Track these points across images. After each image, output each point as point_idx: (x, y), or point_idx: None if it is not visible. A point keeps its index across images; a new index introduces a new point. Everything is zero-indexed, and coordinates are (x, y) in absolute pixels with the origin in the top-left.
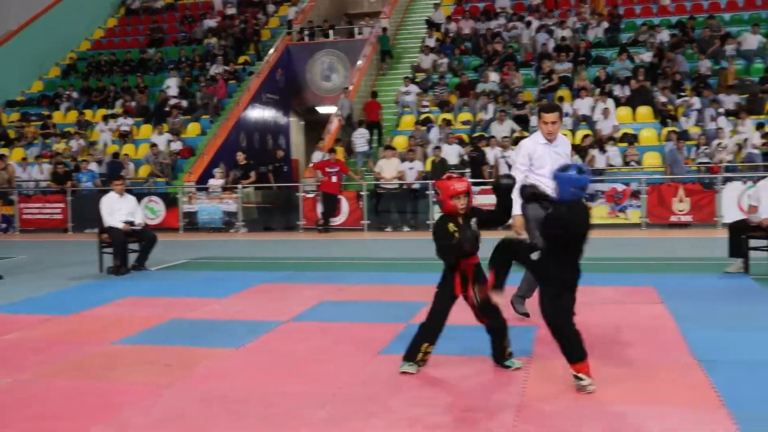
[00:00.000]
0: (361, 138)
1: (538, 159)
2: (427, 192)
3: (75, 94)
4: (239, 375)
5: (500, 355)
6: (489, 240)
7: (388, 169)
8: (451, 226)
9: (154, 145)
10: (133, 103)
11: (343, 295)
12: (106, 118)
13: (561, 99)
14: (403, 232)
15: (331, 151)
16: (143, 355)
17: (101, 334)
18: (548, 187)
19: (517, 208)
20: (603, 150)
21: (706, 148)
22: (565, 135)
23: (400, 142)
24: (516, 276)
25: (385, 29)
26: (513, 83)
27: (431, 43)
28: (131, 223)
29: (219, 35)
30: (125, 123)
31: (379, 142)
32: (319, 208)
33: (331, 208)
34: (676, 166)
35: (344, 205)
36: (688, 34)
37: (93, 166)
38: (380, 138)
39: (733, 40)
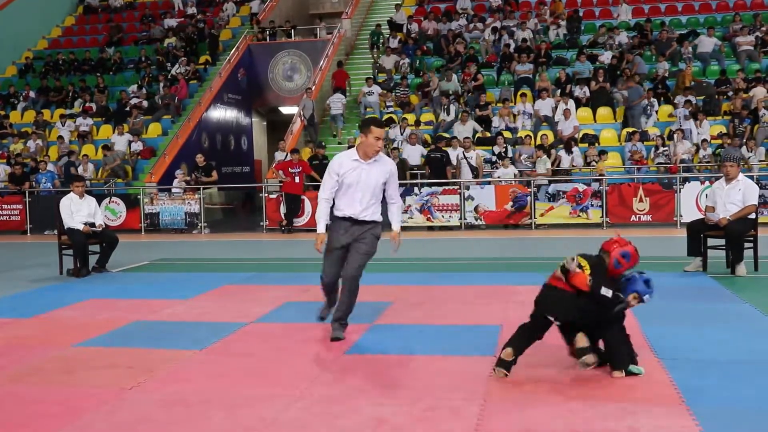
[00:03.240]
0: (337, 102)
1: (346, 176)
2: None
3: (32, 94)
4: (203, 377)
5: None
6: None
7: None
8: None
9: (105, 147)
10: (93, 104)
11: (307, 296)
12: (64, 118)
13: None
14: None
15: (294, 151)
16: (105, 358)
17: (62, 337)
18: (354, 209)
19: (321, 227)
20: (569, 151)
21: (666, 149)
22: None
23: None
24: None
25: (378, 26)
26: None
27: (393, 43)
28: (92, 225)
29: (179, 35)
30: (84, 123)
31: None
32: (283, 209)
33: (295, 208)
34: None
35: (307, 206)
36: (647, 36)
37: (51, 167)
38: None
39: (689, 43)
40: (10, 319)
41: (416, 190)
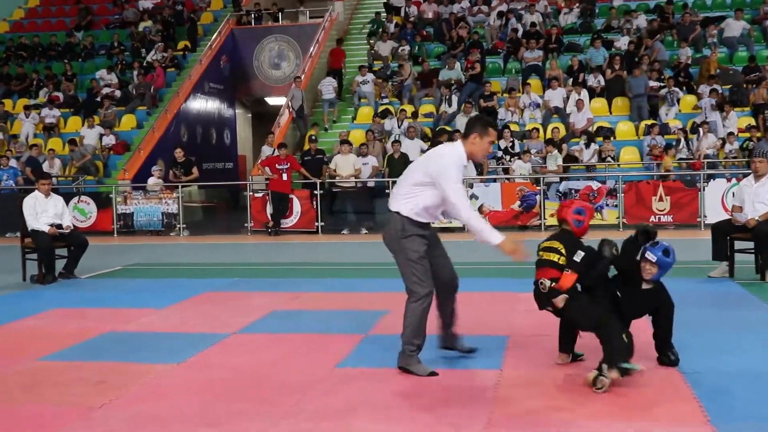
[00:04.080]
0: (328, 86)
1: None
2: (387, 191)
3: None
4: (180, 393)
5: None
6: None
7: (344, 165)
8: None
9: (72, 141)
10: (60, 93)
11: (295, 304)
12: (28, 109)
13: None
14: (361, 234)
15: (281, 146)
16: (73, 373)
17: (25, 349)
18: (434, 217)
19: (497, 233)
20: (589, 144)
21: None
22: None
23: (358, 136)
24: None
25: (378, 14)
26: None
27: (390, 28)
28: (58, 226)
29: (154, 18)
30: (51, 114)
31: (339, 91)
32: (269, 209)
33: (282, 208)
34: None
35: (296, 205)
36: (667, 20)
37: (13, 162)
38: (340, 87)
39: (714, 27)
40: None
41: None
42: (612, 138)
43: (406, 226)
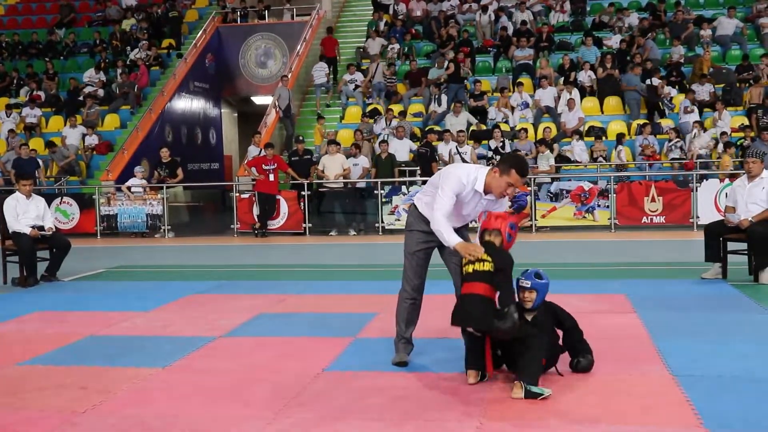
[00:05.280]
0: (320, 71)
1: (459, 203)
2: (375, 192)
3: None
4: (165, 398)
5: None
6: None
7: (333, 166)
8: None
9: (51, 143)
10: (41, 92)
11: (282, 307)
12: (8, 109)
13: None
14: (349, 236)
15: (268, 146)
16: (55, 378)
17: (5, 354)
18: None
19: (455, 237)
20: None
21: (678, 142)
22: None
23: (346, 136)
24: None
25: (375, 12)
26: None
27: (379, 26)
28: (40, 228)
29: (135, 15)
30: (32, 114)
31: (333, 78)
32: (256, 210)
33: (269, 209)
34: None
35: (283, 206)
36: (660, 18)
37: None
38: (335, 74)
39: (707, 25)
40: None
41: (404, 189)
42: (603, 137)
43: (411, 220)
